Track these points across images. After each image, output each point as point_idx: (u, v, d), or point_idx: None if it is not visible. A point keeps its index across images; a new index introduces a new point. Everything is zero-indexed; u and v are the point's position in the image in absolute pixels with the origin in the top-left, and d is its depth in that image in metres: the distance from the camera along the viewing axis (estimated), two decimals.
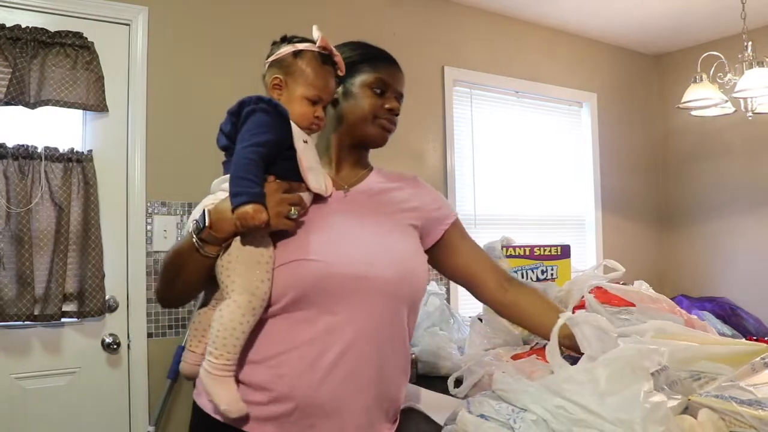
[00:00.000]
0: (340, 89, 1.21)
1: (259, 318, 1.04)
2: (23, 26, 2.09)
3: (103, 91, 2.23)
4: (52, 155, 2.12)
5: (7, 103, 2.04)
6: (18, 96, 2.04)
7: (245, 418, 1.03)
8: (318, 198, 1.14)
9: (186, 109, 2.42)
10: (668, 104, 4.09)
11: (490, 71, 3.42)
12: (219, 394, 0.99)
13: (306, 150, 1.10)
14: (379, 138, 1.24)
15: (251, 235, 1.02)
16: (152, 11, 2.39)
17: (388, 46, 1.30)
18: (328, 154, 1.24)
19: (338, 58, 1.15)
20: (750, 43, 2.73)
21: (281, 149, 1.06)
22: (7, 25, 2.06)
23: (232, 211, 0.99)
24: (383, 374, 1.10)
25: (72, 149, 2.16)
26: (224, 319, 1.00)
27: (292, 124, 1.08)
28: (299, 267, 1.05)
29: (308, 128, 1.12)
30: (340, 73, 1.16)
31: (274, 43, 1.16)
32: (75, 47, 2.17)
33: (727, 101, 2.86)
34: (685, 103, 2.92)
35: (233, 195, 0.99)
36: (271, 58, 1.14)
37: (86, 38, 2.20)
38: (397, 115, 1.24)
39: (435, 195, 1.33)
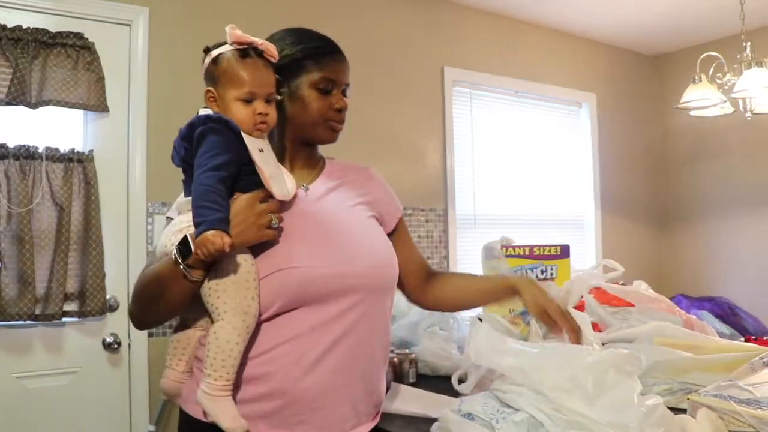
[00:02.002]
0: (285, 90, 1.16)
1: None
2: (24, 27, 2.09)
3: (104, 92, 2.24)
4: (53, 155, 2.12)
5: (9, 104, 2.04)
6: (19, 96, 2.05)
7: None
8: (283, 201, 1.12)
9: (186, 109, 2.39)
10: (667, 104, 4.09)
11: (490, 71, 3.43)
12: (220, 414, 1.00)
13: (264, 158, 1.07)
14: (330, 139, 1.22)
15: (233, 254, 1.01)
16: (153, 11, 2.40)
17: (388, 46, 1.30)
18: (281, 155, 1.20)
19: (264, 45, 1.09)
20: (749, 43, 2.73)
21: (241, 165, 1.05)
22: (9, 26, 2.07)
23: (195, 236, 0.98)
24: (369, 367, 1.13)
25: (73, 149, 2.17)
26: (220, 341, 1.00)
27: (245, 137, 1.05)
28: (284, 276, 1.05)
29: (256, 130, 1.08)
30: (273, 60, 1.11)
31: (203, 59, 1.12)
32: (76, 48, 2.18)
33: (726, 101, 2.86)
34: (684, 103, 2.92)
35: (195, 225, 0.98)
36: (202, 73, 1.12)
37: (87, 39, 2.21)
38: (345, 110, 1.21)
39: (387, 188, 1.34)
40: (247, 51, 1.08)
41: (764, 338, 2.85)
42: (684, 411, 1.15)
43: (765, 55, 2.67)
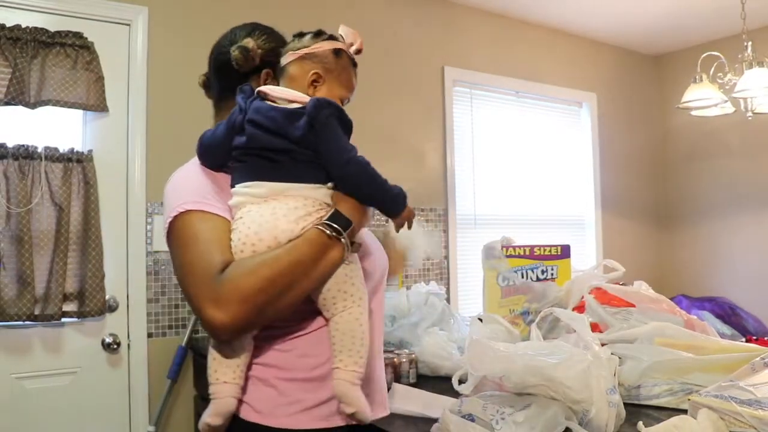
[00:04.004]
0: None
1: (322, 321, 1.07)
2: (23, 26, 2.09)
3: (103, 91, 2.24)
4: (53, 155, 2.12)
5: (8, 103, 2.04)
6: (18, 96, 2.04)
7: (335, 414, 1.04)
8: None
9: (186, 109, 2.42)
10: (668, 104, 4.09)
11: (490, 71, 3.42)
12: (362, 404, 1.00)
13: None
14: None
15: (363, 241, 1.09)
16: (152, 11, 2.39)
17: (388, 46, 1.30)
18: None
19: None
20: (750, 43, 2.73)
21: None
22: (8, 25, 2.06)
23: (401, 211, 1.06)
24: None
25: (72, 149, 2.16)
26: (364, 327, 1.02)
27: None
28: (369, 264, 1.14)
29: None
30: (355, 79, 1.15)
31: (299, 34, 1.12)
32: (75, 47, 2.17)
33: (726, 101, 2.86)
34: (684, 103, 2.92)
35: (397, 196, 1.05)
36: (303, 50, 1.08)
37: (86, 38, 2.20)
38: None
39: None
40: (355, 61, 1.14)
41: (765, 338, 2.84)
42: (685, 411, 1.15)
43: (766, 55, 2.66)
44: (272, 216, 0.98)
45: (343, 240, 0.99)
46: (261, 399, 1.02)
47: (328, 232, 0.98)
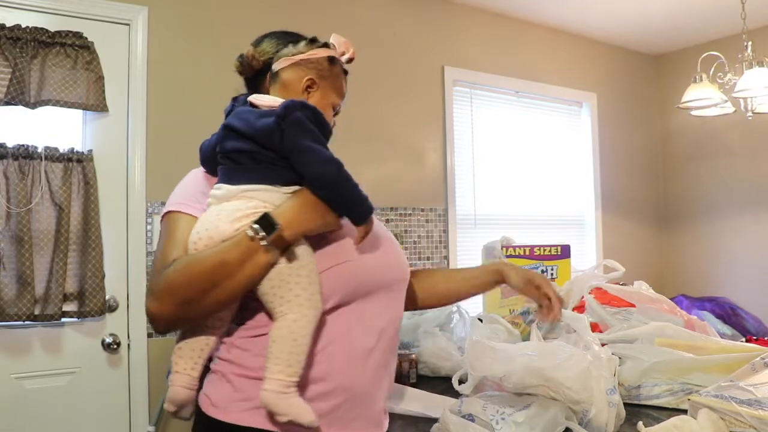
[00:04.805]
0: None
1: None
2: (23, 26, 2.08)
3: (103, 91, 2.24)
4: (52, 155, 2.12)
5: (7, 103, 2.04)
6: (18, 96, 2.04)
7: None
8: None
9: (186, 108, 2.42)
10: (668, 104, 4.09)
11: (490, 71, 3.42)
12: (295, 411, 0.96)
13: None
14: None
15: (305, 244, 1.01)
16: (152, 11, 2.39)
17: (388, 46, 1.30)
18: None
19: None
20: (750, 43, 2.73)
21: None
22: (7, 25, 2.06)
23: (367, 219, 1.02)
24: (395, 358, 1.17)
25: (72, 149, 2.16)
26: (296, 334, 0.97)
27: None
28: (342, 270, 1.05)
29: None
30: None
31: (293, 40, 1.13)
32: (75, 47, 2.17)
33: (727, 101, 2.86)
34: (685, 103, 2.92)
35: (365, 202, 1.02)
36: (298, 56, 1.10)
37: (86, 38, 2.20)
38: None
39: None
40: (346, 70, 1.16)
41: (765, 338, 2.84)
42: (685, 411, 1.15)
43: (766, 55, 2.66)
44: (216, 217, 1.01)
45: (264, 243, 0.97)
46: (218, 393, 1.05)
47: (250, 234, 0.97)
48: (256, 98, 1.08)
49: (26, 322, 2.05)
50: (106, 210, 2.24)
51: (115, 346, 2.25)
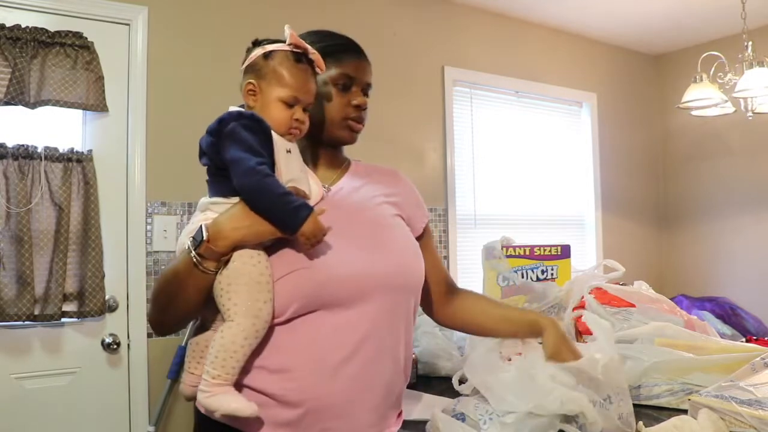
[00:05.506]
0: None
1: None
2: (23, 26, 2.08)
3: (103, 91, 2.23)
4: (52, 155, 2.12)
5: (7, 103, 2.04)
6: (18, 96, 2.04)
7: (260, 424, 1.01)
8: None
9: (186, 108, 2.42)
10: (668, 104, 4.09)
11: (490, 71, 3.42)
12: (225, 404, 0.96)
13: (289, 160, 1.06)
14: (348, 139, 1.21)
15: (248, 253, 1.00)
16: (152, 11, 2.39)
17: (388, 46, 1.29)
18: (303, 156, 1.16)
19: (315, 56, 1.09)
20: (750, 43, 2.73)
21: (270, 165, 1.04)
22: (7, 25, 2.06)
23: (298, 227, 0.97)
24: (394, 369, 1.09)
25: (72, 149, 2.16)
26: (225, 340, 0.97)
27: (274, 136, 1.04)
28: (299, 277, 1.02)
29: (288, 134, 1.07)
30: (319, 72, 1.11)
31: (248, 49, 1.11)
32: (75, 47, 2.17)
33: (727, 101, 2.86)
34: (685, 103, 2.92)
35: (293, 211, 0.98)
36: (244, 65, 1.10)
37: (86, 38, 2.20)
38: (364, 109, 1.19)
39: (415, 192, 1.31)
40: (301, 56, 1.08)
41: (765, 338, 2.84)
42: (685, 411, 1.15)
43: (766, 55, 2.66)
44: (186, 228, 1.08)
45: (192, 254, 0.99)
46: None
47: (188, 246, 1.01)
48: (232, 109, 1.09)
49: (26, 322, 2.05)
50: (105, 210, 2.24)
51: (115, 346, 2.25)
